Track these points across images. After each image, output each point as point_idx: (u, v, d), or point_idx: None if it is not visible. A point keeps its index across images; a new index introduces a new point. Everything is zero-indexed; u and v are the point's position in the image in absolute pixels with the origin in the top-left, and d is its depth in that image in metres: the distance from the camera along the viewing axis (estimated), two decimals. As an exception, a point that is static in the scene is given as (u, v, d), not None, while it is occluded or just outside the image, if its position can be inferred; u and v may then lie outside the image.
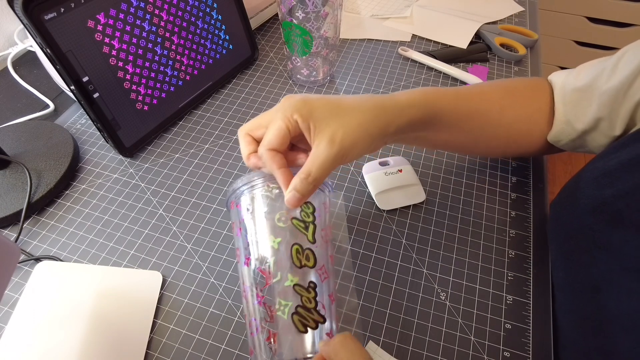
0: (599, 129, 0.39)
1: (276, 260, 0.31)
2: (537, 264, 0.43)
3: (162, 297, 0.41)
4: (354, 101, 0.34)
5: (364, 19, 0.75)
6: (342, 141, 0.32)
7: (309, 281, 0.31)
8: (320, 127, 0.32)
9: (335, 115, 0.33)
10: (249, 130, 0.35)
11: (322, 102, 0.33)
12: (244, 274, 0.33)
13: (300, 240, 0.32)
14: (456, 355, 0.38)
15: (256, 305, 0.32)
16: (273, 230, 0.32)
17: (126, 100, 0.51)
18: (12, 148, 0.51)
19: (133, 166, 0.52)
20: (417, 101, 0.37)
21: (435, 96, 0.38)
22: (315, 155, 0.32)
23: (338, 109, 0.33)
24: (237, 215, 0.34)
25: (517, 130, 0.44)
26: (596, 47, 1.39)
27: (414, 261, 0.44)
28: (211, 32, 0.58)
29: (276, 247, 0.32)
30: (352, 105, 0.34)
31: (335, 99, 0.34)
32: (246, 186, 0.34)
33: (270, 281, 0.31)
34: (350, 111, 0.33)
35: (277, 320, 0.31)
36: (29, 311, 0.39)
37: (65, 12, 0.43)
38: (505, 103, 0.42)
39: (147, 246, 0.45)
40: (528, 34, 0.69)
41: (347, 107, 0.33)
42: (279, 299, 0.31)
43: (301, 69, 0.60)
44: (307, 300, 0.31)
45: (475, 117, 0.41)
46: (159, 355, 0.38)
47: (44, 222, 0.47)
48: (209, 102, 0.60)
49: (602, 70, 0.39)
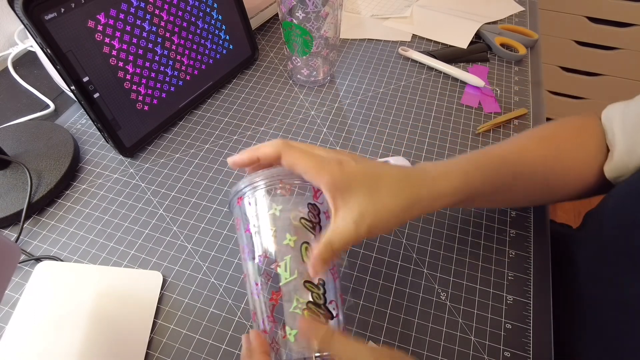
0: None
1: (292, 257, 0.32)
2: (537, 264, 0.43)
3: (162, 297, 0.41)
4: (392, 179, 0.32)
5: (364, 19, 0.75)
6: (369, 227, 0.30)
7: (318, 278, 0.32)
8: (349, 200, 0.31)
9: (369, 192, 0.31)
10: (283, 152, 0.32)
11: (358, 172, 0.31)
12: (254, 270, 0.33)
13: (309, 239, 0.32)
14: (456, 355, 0.38)
15: (270, 304, 0.32)
16: (289, 229, 0.32)
17: (126, 101, 0.51)
18: (12, 148, 0.51)
19: (133, 166, 0.52)
20: (455, 189, 0.34)
21: (476, 171, 0.36)
22: (339, 230, 0.30)
23: (374, 186, 0.31)
24: (245, 211, 0.34)
25: (565, 182, 0.41)
26: (596, 47, 1.39)
27: (414, 261, 0.44)
28: (211, 32, 0.58)
29: (292, 245, 0.32)
30: (390, 183, 0.32)
31: (375, 172, 0.32)
32: (255, 185, 0.34)
33: (286, 279, 0.31)
34: (386, 191, 0.31)
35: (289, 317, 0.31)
36: (30, 311, 0.39)
37: (66, 12, 0.43)
38: (550, 160, 0.40)
39: (147, 246, 0.45)
40: (528, 33, 0.69)
41: (383, 184, 0.32)
42: (296, 296, 0.31)
43: (301, 69, 0.60)
44: (317, 297, 0.31)
45: (518, 181, 0.39)
46: (159, 355, 0.38)
47: (45, 222, 0.47)
48: (209, 102, 0.60)
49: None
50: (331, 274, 0.33)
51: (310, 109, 0.59)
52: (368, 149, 0.54)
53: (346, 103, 0.60)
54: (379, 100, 0.60)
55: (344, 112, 0.59)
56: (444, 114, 0.58)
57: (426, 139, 0.55)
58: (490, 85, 0.62)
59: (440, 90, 0.62)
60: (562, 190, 0.42)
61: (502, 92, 0.61)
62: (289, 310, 0.31)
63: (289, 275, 0.31)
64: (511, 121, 0.57)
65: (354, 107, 0.60)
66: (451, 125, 0.57)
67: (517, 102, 0.60)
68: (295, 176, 0.33)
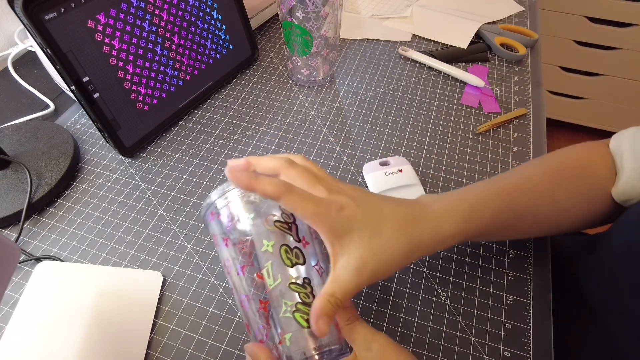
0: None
1: (273, 263, 0.32)
2: (537, 264, 0.43)
3: (162, 297, 0.41)
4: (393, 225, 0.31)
5: (364, 19, 0.75)
6: (371, 274, 0.29)
7: (303, 277, 0.32)
8: (348, 246, 0.29)
9: (370, 238, 0.30)
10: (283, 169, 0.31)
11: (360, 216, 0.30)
12: (239, 283, 0.33)
13: (286, 241, 0.32)
14: (456, 355, 0.38)
15: (261, 312, 0.32)
16: (265, 235, 0.32)
17: (126, 100, 0.51)
18: (12, 148, 0.51)
19: (133, 166, 0.52)
20: (460, 232, 0.34)
21: (483, 217, 0.35)
22: (341, 279, 0.29)
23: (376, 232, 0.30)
24: (220, 226, 0.34)
25: (573, 215, 0.39)
26: (596, 47, 1.39)
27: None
28: (211, 32, 0.58)
29: (271, 250, 0.32)
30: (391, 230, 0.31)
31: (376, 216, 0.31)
32: (226, 195, 0.33)
33: (270, 285, 0.31)
34: (387, 238, 0.30)
35: (282, 322, 0.31)
36: (29, 311, 0.39)
37: (66, 12, 0.43)
38: (557, 192, 0.38)
39: (147, 246, 0.45)
40: (528, 33, 0.69)
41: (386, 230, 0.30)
42: (284, 300, 0.31)
43: (301, 69, 0.60)
44: (305, 296, 0.31)
45: (524, 217, 0.38)
46: (159, 355, 0.38)
47: (44, 222, 0.47)
48: (209, 102, 0.60)
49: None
50: (315, 270, 0.33)
51: (310, 109, 0.59)
52: (368, 149, 0.54)
53: (346, 103, 0.60)
54: (379, 100, 0.60)
55: (344, 112, 0.59)
56: (444, 114, 0.58)
57: (426, 139, 0.55)
58: (490, 85, 0.62)
59: (440, 90, 0.62)
60: (569, 221, 0.40)
61: (502, 92, 0.61)
62: (280, 316, 0.31)
63: (273, 281, 0.31)
64: (511, 121, 0.57)
65: (354, 107, 0.60)
66: (451, 125, 0.57)
67: (517, 102, 0.60)
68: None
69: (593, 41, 1.38)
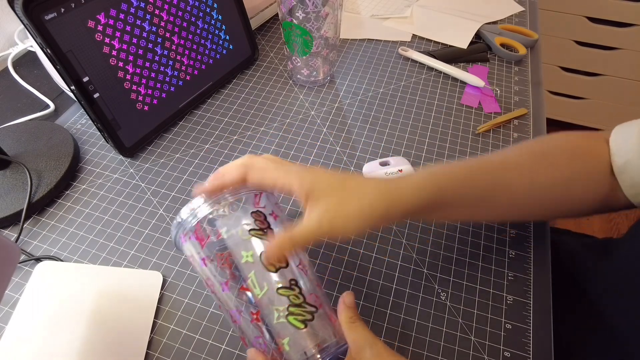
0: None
1: (256, 272, 0.32)
2: (537, 264, 0.43)
3: (162, 297, 0.41)
4: (358, 183, 0.34)
5: (364, 19, 0.75)
6: (331, 222, 0.31)
7: (289, 279, 0.32)
8: (316, 198, 0.32)
9: (335, 192, 0.32)
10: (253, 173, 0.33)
11: (326, 176, 0.33)
12: (227, 299, 0.33)
13: (265, 247, 0.32)
14: (456, 355, 0.38)
15: (254, 324, 0.32)
16: (242, 246, 0.32)
17: (126, 101, 0.51)
18: (12, 148, 0.51)
19: (133, 166, 0.52)
20: (423, 184, 0.34)
21: (446, 177, 0.36)
22: (302, 224, 0.31)
23: (340, 187, 0.33)
24: (194, 246, 0.34)
25: (554, 197, 0.39)
26: (596, 47, 1.39)
27: (414, 261, 0.44)
28: (211, 32, 0.58)
29: (251, 260, 0.32)
30: (355, 186, 0.33)
31: (341, 177, 0.34)
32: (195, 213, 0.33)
33: (258, 294, 0.31)
34: (350, 192, 0.33)
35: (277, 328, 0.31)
36: (29, 311, 0.39)
37: (66, 12, 0.43)
38: (536, 168, 0.38)
39: (147, 246, 0.45)
40: (528, 33, 0.69)
41: (349, 187, 0.33)
42: (274, 307, 0.31)
43: (301, 69, 0.60)
44: (294, 298, 0.31)
45: (499, 190, 0.37)
46: (159, 355, 0.38)
47: (45, 222, 0.47)
48: (209, 102, 0.60)
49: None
50: (299, 270, 0.33)
51: (310, 109, 0.59)
52: (368, 149, 0.54)
53: (346, 103, 0.60)
54: (379, 100, 0.60)
55: (344, 112, 0.59)
56: (444, 114, 0.58)
57: (426, 139, 0.55)
58: (490, 85, 0.62)
59: (440, 90, 0.62)
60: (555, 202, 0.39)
61: (502, 92, 0.61)
62: (275, 322, 0.31)
63: (260, 290, 0.31)
64: (511, 121, 0.57)
65: (354, 107, 0.59)
66: (451, 125, 0.57)
67: (517, 102, 0.60)
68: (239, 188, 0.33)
69: (593, 41, 1.38)
